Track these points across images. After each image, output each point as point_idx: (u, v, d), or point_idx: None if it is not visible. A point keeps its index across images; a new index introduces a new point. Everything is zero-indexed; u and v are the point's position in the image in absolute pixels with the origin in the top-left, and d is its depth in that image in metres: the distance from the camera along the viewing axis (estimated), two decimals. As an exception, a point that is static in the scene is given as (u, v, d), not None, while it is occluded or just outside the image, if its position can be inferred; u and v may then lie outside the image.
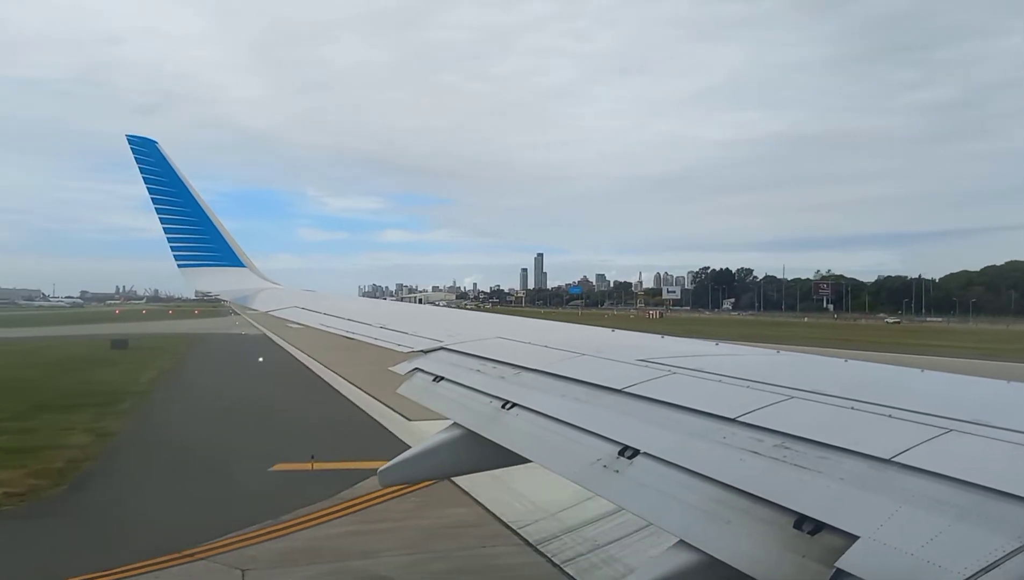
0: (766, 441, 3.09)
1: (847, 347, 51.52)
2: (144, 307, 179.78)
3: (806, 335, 69.94)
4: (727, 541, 2.68)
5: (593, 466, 3.46)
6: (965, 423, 2.94)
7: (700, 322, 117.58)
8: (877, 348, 54.13)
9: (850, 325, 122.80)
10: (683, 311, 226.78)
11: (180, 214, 12.65)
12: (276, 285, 13.67)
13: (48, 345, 54.82)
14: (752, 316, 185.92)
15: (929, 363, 17.52)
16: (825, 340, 63.62)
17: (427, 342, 6.55)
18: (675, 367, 4.49)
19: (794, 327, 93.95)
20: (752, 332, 71.98)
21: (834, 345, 55.29)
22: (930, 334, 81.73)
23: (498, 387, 4.86)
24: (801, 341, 58.69)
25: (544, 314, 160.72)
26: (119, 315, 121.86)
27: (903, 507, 2.40)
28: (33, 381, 32.54)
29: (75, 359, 42.83)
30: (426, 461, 4.97)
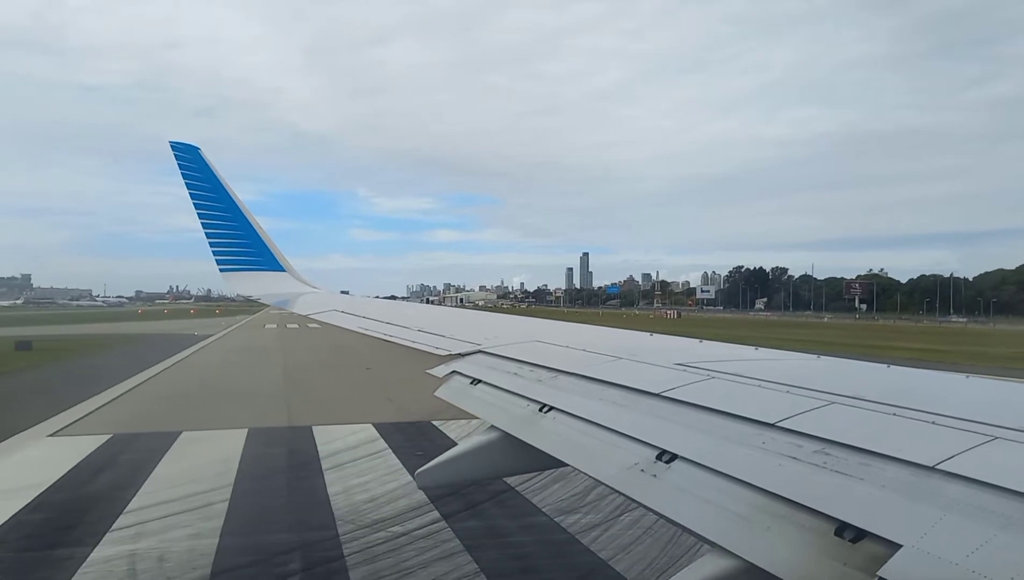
0: (806, 447, 2.99)
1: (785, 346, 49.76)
2: (192, 306, 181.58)
3: (783, 336, 68.48)
4: (766, 548, 2.58)
5: (631, 470, 3.36)
6: (1011, 430, 2.81)
7: (707, 322, 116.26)
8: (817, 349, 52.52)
9: (851, 325, 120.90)
10: (710, 311, 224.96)
11: (222, 219, 12.81)
12: (316, 289, 13.73)
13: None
14: (777, 316, 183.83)
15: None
16: (785, 341, 61.71)
17: (464, 345, 6.46)
18: (713, 371, 4.39)
19: (792, 328, 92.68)
20: (736, 334, 70.83)
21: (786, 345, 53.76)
22: (909, 335, 79.61)
23: (535, 390, 4.76)
24: (765, 342, 57.53)
25: (567, 314, 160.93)
26: (141, 314, 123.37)
27: (947, 516, 2.30)
28: None
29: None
30: (464, 463, 4.80)
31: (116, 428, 18.94)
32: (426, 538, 10.56)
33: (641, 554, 10.05)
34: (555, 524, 11.38)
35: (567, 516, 11.77)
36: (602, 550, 10.31)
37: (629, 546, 10.39)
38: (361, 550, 10.14)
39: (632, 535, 10.73)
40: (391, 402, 23.55)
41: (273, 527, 11.24)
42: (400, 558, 9.89)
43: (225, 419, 19.96)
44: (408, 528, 10.91)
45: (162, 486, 13.47)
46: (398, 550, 10.14)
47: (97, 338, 54.50)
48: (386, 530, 10.84)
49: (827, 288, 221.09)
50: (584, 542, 10.70)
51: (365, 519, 11.46)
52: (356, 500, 12.49)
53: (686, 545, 9.85)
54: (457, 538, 10.61)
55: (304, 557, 10.03)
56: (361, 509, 12.02)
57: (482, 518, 11.64)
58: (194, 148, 12.50)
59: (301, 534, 10.91)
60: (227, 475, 13.95)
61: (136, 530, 10.97)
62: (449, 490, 11.85)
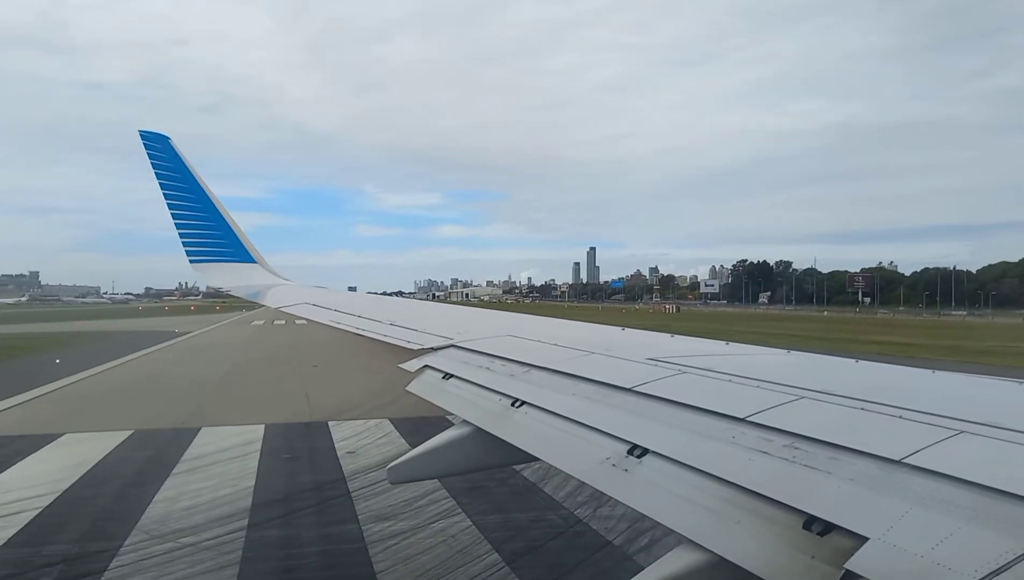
0: (776, 441, 3.03)
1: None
2: (194, 303, 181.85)
3: (765, 330, 67.93)
4: (736, 541, 2.62)
5: (602, 465, 3.39)
6: (976, 425, 2.88)
7: (700, 316, 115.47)
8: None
9: (842, 318, 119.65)
10: (713, 306, 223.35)
11: (192, 210, 12.59)
12: (287, 282, 13.48)
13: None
14: (778, 310, 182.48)
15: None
16: (766, 335, 60.92)
17: (437, 339, 6.45)
18: (684, 366, 4.42)
19: (781, 322, 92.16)
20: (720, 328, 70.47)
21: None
22: (896, 329, 78.55)
23: (507, 385, 4.79)
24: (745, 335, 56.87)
25: (568, 308, 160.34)
26: (141, 311, 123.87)
27: (914, 509, 2.36)
28: None
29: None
30: (435, 458, 4.82)
31: (6, 429, 18.55)
32: (211, 549, 9.75)
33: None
34: (360, 533, 10.65)
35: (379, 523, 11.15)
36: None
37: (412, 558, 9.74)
38: (130, 563, 9.36)
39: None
40: (308, 400, 23.02)
41: (60, 538, 10.44)
42: (162, 572, 9.14)
43: (118, 421, 19.36)
44: (201, 538, 10.32)
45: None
46: (167, 564, 9.38)
47: (68, 336, 53.87)
48: (176, 540, 10.32)
49: (832, 281, 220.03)
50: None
51: (164, 529, 10.84)
52: (173, 508, 11.74)
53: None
54: (242, 550, 9.87)
55: (60, 572, 9.27)
56: (170, 518, 11.34)
57: (289, 527, 11.04)
58: (164, 137, 12.29)
59: (81, 545, 10.17)
60: (65, 481, 13.36)
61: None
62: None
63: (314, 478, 13.60)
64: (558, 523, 10.99)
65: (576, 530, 10.69)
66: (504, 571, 9.14)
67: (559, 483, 12.63)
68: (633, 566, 9.07)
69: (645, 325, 77.45)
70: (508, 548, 9.89)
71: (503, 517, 11.23)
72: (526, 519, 11.14)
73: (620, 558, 9.56)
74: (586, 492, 12.12)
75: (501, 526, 10.81)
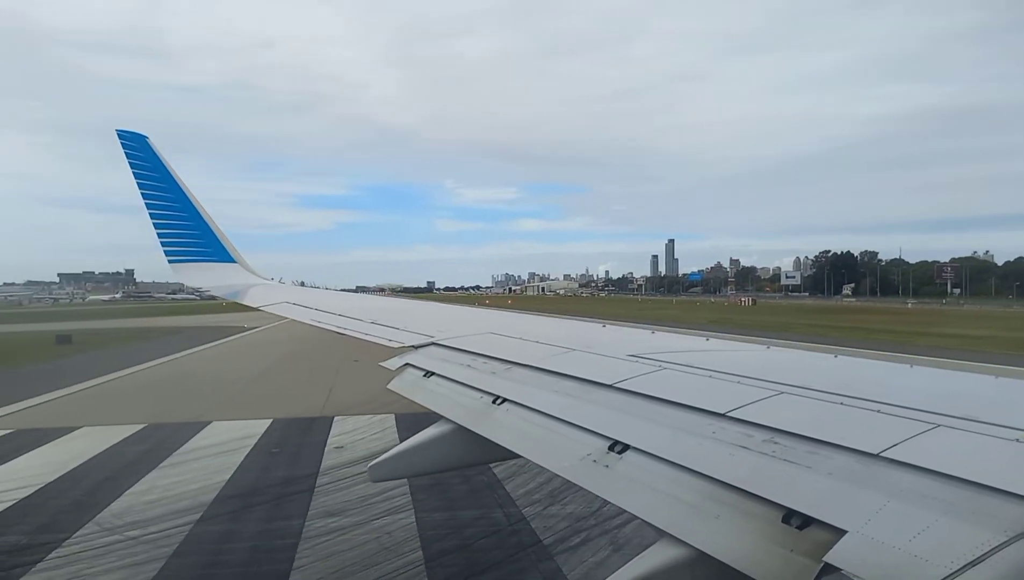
0: (755, 436, 3.06)
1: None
2: None
3: (824, 323, 65.45)
4: (716, 536, 2.63)
5: (583, 461, 3.40)
6: (953, 418, 2.91)
7: (775, 309, 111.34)
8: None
9: (922, 311, 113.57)
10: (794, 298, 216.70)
11: (170, 210, 12.65)
12: (267, 281, 13.59)
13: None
14: (859, 302, 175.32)
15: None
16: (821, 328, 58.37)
17: (418, 338, 6.47)
18: (665, 362, 4.43)
19: (854, 314, 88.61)
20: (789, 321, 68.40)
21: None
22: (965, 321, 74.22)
23: (489, 382, 4.80)
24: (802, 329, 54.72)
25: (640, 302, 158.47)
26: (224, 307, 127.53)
27: (891, 502, 2.38)
28: None
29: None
30: (417, 456, 4.85)
31: (37, 422, 19.39)
32: (148, 543, 9.74)
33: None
34: (299, 529, 10.46)
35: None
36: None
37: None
38: (67, 555, 9.47)
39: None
40: (329, 394, 23.06)
41: (18, 529, 10.64)
42: (90, 565, 9.20)
43: (137, 415, 19.96)
44: (147, 532, 10.26)
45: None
46: (99, 556, 9.44)
47: (141, 331, 56.66)
48: (121, 534, 10.40)
49: (919, 272, 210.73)
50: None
51: (117, 522, 10.64)
52: (137, 502, 11.45)
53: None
54: (178, 545, 9.89)
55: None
56: (129, 512, 11.03)
57: (235, 522, 10.92)
58: (142, 137, 12.31)
59: (32, 536, 10.30)
60: (54, 474, 13.73)
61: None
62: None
63: (288, 473, 13.36)
64: (500, 521, 10.77)
65: (513, 528, 10.45)
66: (417, 570, 9.00)
67: (523, 481, 12.42)
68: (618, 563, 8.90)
69: (712, 318, 76.01)
70: (436, 547, 9.73)
71: (448, 515, 11.08)
72: (470, 517, 10.96)
73: (538, 559, 9.34)
74: (545, 490, 11.90)
75: (441, 524, 10.63)
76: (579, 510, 10.70)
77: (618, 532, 9.65)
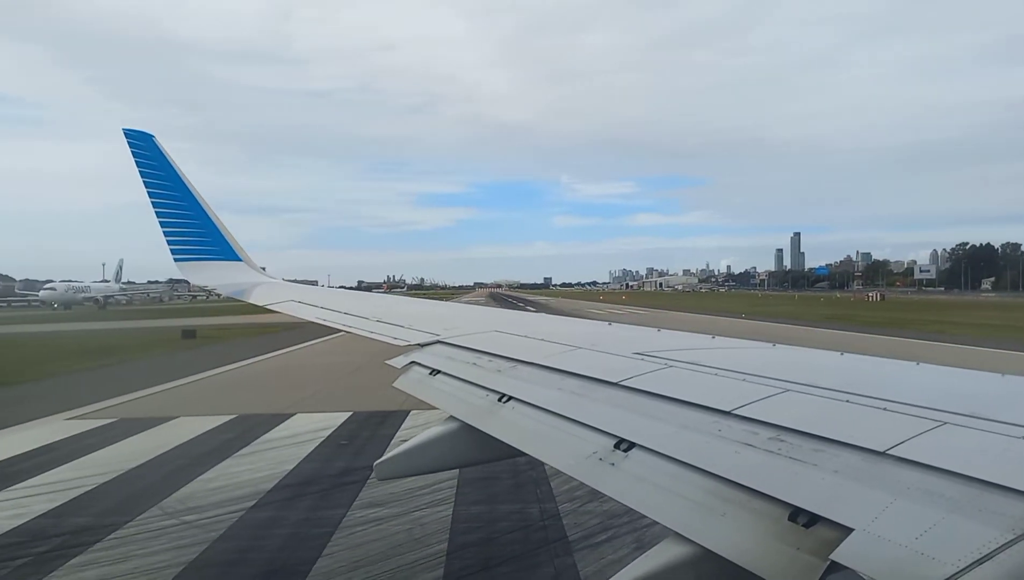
0: (761, 434, 3.09)
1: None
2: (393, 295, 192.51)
3: (945, 319, 61.21)
4: (722, 534, 2.66)
5: (589, 459, 3.46)
6: (959, 416, 2.91)
7: (905, 305, 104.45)
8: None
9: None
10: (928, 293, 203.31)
11: (177, 208, 12.93)
12: (271, 279, 13.99)
13: (136, 330, 57.37)
14: (998, 297, 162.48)
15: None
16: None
17: (423, 336, 6.59)
18: (670, 360, 4.50)
19: (985, 310, 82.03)
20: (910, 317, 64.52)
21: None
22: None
23: (494, 380, 4.88)
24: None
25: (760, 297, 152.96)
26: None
27: (897, 500, 2.39)
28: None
29: (104, 347, 41.03)
30: (422, 454, 4.99)
31: (140, 412, 20.68)
32: (200, 527, 10.30)
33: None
34: (340, 519, 10.37)
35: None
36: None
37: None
38: (124, 536, 10.02)
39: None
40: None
41: (86, 512, 11.30)
42: (143, 546, 9.69)
43: (232, 407, 20.91)
44: (202, 517, 10.78)
45: (77, 468, 14.05)
46: (153, 538, 9.91)
47: (264, 327, 59.28)
48: (179, 518, 10.98)
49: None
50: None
51: (179, 507, 11.22)
52: (203, 488, 12.22)
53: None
54: (225, 530, 10.27)
55: (62, 542, 9.93)
56: (193, 497, 11.77)
57: (283, 510, 11.23)
58: (148, 136, 12.59)
59: (98, 519, 10.84)
60: (136, 460, 14.43)
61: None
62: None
63: (348, 464, 13.56)
64: (533, 516, 10.71)
65: (543, 524, 10.34)
66: (437, 561, 9.08)
67: (569, 477, 12.26)
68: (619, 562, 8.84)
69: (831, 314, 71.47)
70: (461, 540, 9.76)
71: (485, 508, 11.09)
72: (505, 511, 10.96)
73: (556, 555, 9.26)
74: (587, 487, 11.70)
75: (474, 518, 10.63)
76: (614, 508, 10.51)
77: (646, 531, 9.42)
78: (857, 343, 38.31)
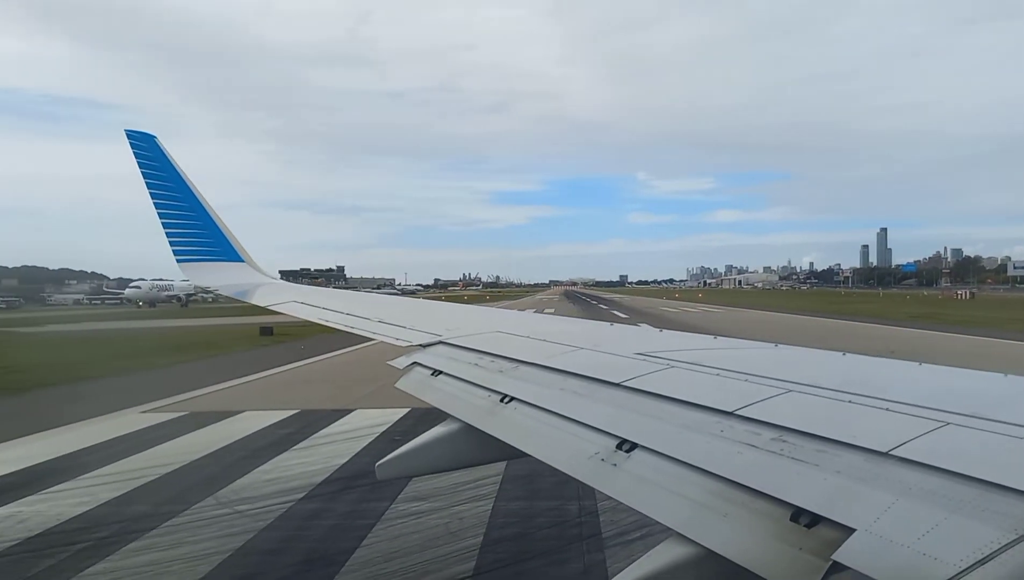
0: (763, 434, 3.10)
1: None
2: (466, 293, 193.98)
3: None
4: (724, 534, 2.71)
5: (591, 459, 3.49)
6: (962, 416, 2.91)
7: (991, 303, 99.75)
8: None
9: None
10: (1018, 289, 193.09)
11: (178, 209, 12.98)
12: (273, 280, 14.08)
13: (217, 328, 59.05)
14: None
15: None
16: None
17: (425, 336, 6.66)
18: (672, 360, 4.50)
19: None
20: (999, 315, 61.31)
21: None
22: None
23: (496, 381, 4.91)
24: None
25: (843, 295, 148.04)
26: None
27: (900, 500, 2.41)
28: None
29: (183, 344, 43.22)
30: (424, 455, 5.03)
31: (211, 406, 21.29)
32: (249, 516, 10.55)
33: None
34: (383, 511, 10.22)
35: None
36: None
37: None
38: (178, 524, 10.31)
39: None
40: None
41: (147, 500, 11.73)
42: (194, 532, 10.00)
43: (297, 402, 21.52)
44: (254, 507, 11.02)
45: (154, 457, 14.67)
46: (205, 526, 10.17)
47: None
48: (232, 507, 11.32)
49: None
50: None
51: (233, 497, 11.59)
52: (259, 479, 12.62)
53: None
54: (273, 520, 10.56)
55: (120, 528, 10.29)
56: (248, 488, 12.19)
57: (330, 502, 11.23)
58: (150, 136, 12.67)
59: (155, 507, 11.25)
60: (200, 452, 15.05)
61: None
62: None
63: None
64: (571, 513, 10.67)
65: (580, 520, 10.29)
66: (470, 555, 9.18)
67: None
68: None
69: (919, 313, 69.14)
70: (496, 534, 9.82)
71: (525, 504, 11.12)
72: (544, 507, 10.97)
73: (588, 551, 9.23)
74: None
75: (513, 513, 10.59)
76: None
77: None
78: (942, 344, 36.92)
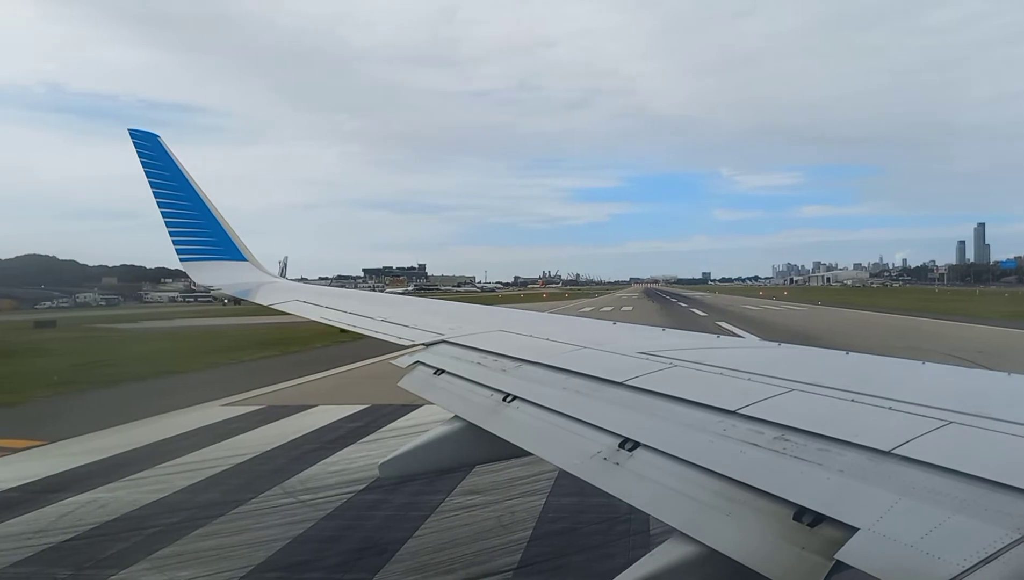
0: (766, 433, 3.11)
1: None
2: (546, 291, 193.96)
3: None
4: (727, 533, 2.70)
5: (594, 459, 3.49)
6: (965, 415, 2.91)
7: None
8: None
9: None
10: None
11: (182, 208, 13.02)
12: (276, 279, 14.20)
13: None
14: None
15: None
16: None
17: (428, 335, 6.67)
18: (675, 360, 4.52)
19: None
20: None
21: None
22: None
23: (499, 380, 4.92)
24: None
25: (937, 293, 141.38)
26: (499, 299, 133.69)
27: (903, 499, 2.41)
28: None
29: (266, 340, 44.23)
30: (427, 454, 5.07)
31: (288, 400, 21.97)
32: (310, 506, 10.80)
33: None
34: (439, 503, 10.16)
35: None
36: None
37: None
38: (243, 512, 10.59)
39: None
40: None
41: (217, 489, 12.16)
42: (257, 520, 10.29)
43: (368, 397, 21.97)
44: (316, 497, 11.20)
45: (221, 450, 15.30)
46: (266, 515, 10.45)
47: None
48: (296, 497, 11.53)
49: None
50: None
51: (298, 487, 12.03)
52: (324, 471, 13.03)
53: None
54: (332, 509, 10.79)
55: (189, 515, 10.68)
56: (313, 478, 12.58)
57: (391, 493, 11.50)
58: (153, 136, 12.73)
59: (224, 495, 11.68)
60: (273, 444, 15.64)
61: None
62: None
63: None
64: (620, 510, 10.62)
65: (627, 518, 10.24)
66: (518, 547, 9.33)
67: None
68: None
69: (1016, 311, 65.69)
70: (545, 529, 9.88)
71: (576, 500, 11.19)
72: (595, 504, 11.00)
73: (632, 548, 9.24)
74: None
75: (564, 508, 10.56)
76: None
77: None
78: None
